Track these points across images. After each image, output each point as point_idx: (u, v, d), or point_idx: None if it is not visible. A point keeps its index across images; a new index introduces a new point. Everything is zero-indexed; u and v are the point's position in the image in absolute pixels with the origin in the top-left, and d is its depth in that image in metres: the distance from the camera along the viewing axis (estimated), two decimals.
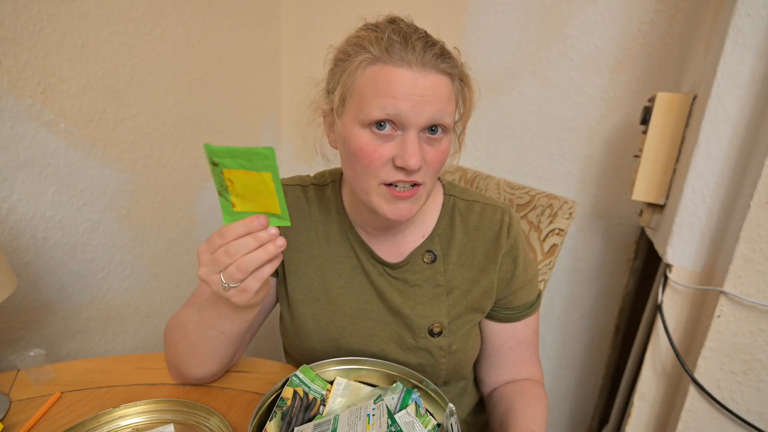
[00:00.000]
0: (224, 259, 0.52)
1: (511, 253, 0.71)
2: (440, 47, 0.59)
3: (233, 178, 0.50)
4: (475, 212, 0.72)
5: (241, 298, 0.54)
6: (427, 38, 0.59)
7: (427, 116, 0.57)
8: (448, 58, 0.59)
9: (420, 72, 0.56)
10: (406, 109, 0.56)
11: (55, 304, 0.94)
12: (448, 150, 0.62)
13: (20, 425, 0.63)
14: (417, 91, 0.56)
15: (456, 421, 0.54)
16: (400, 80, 0.56)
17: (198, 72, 1.17)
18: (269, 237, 0.52)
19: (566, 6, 1.14)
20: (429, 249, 0.71)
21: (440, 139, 0.60)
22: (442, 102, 0.58)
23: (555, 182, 1.26)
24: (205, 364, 0.68)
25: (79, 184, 0.93)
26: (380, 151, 0.58)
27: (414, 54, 0.56)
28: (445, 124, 0.59)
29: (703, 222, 0.86)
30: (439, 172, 0.63)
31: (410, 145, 0.57)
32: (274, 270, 0.55)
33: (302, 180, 0.77)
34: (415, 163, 0.56)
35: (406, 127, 0.57)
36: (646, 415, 0.99)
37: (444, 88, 0.58)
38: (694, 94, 0.90)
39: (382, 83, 0.56)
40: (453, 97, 0.61)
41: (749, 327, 0.82)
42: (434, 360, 0.70)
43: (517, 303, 0.73)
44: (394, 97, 0.55)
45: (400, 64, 0.56)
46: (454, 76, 0.60)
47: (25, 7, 0.79)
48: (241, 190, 0.51)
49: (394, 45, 0.56)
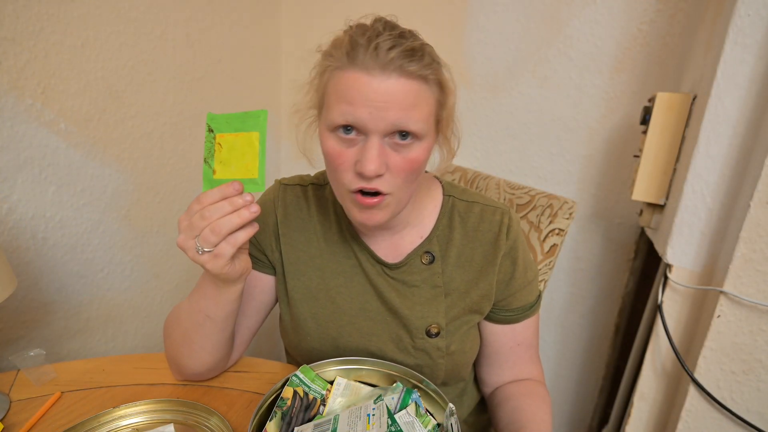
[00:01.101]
0: (199, 222, 0.53)
1: (510, 255, 0.70)
2: (408, 47, 0.54)
3: (222, 142, 0.53)
4: (474, 213, 0.71)
5: (215, 264, 0.54)
6: (397, 39, 0.55)
7: (387, 123, 0.54)
8: (417, 59, 0.55)
9: (379, 76, 0.54)
10: (364, 116, 0.54)
11: (55, 304, 0.94)
12: (422, 158, 0.59)
13: (20, 425, 0.63)
14: (375, 96, 0.54)
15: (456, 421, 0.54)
16: (357, 86, 0.54)
17: (198, 72, 1.17)
18: (244, 203, 0.53)
19: (566, 6, 1.14)
20: (427, 250, 0.70)
21: (409, 145, 0.57)
22: (406, 107, 0.55)
23: (555, 182, 1.26)
24: (196, 355, 0.68)
25: (79, 184, 0.93)
26: (345, 155, 0.58)
27: (375, 57, 0.53)
28: (411, 131, 0.56)
29: (703, 222, 0.86)
30: (410, 181, 0.60)
31: (369, 151, 0.55)
32: (249, 237, 0.55)
33: (302, 180, 0.77)
34: (370, 169, 0.55)
35: (368, 132, 0.56)
36: (646, 415, 0.99)
37: (409, 91, 0.55)
38: (694, 94, 0.90)
39: (342, 89, 0.56)
40: (426, 100, 0.57)
41: (749, 327, 0.82)
42: (432, 361, 0.70)
43: (517, 305, 0.73)
44: (352, 104, 0.54)
45: (359, 69, 0.54)
46: (427, 78, 0.56)
47: (25, 7, 0.79)
48: (225, 155, 0.54)
49: (357, 49, 0.54)
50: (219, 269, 0.55)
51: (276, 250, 0.74)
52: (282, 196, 0.75)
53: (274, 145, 1.52)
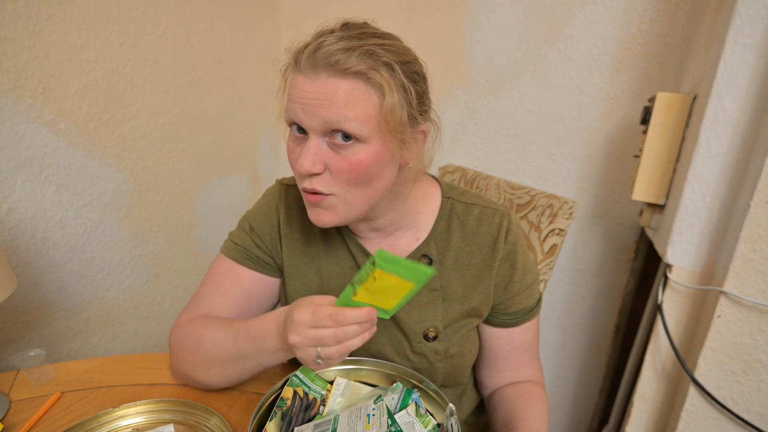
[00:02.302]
0: (330, 341, 0.53)
1: (509, 258, 0.70)
2: (343, 47, 0.53)
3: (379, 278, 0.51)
4: (473, 215, 0.71)
5: (317, 367, 0.55)
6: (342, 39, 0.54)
7: (318, 120, 0.55)
8: (354, 57, 0.53)
9: (311, 75, 0.55)
10: (299, 113, 0.56)
11: (55, 304, 0.94)
12: (367, 161, 0.57)
13: (20, 425, 0.63)
14: (306, 94, 0.55)
15: (456, 421, 0.54)
16: (296, 84, 0.56)
17: (198, 72, 1.17)
18: (371, 332, 0.54)
19: (566, 6, 1.13)
20: (425, 253, 0.70)
21: (350, 147, 0.56)
22: (338, 105, 0.54)
23: (555, 182, 1.26)
24: (225, 379, 0.69)
25: (79, 184, 0.93)
26: (295, 152, 0.60)
27: (312, 58, 0.54)
28: (346, 130, 0.54)
29: (703, 222, 0.86)
30: (360, 185, 0.58)
31: (303, 149, 0.57)
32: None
33: None
34: (303, 167, 0.56)
35: (307, 131, 0.57)
36: (646, 415, 0.99)
37: (338, 90, 0.54)
38: (694, 94, 0.90)
39: (289, 89, 0.58)
40: (363, 101, 0.55)
41: (749, 327, 0.82)
42: (430, 364, 0.70)
43: (516, 308, 0.72)
44: (291, 101, 0.57)
45: (300, 71, 0.56)
46: (366, 76, 0.54)
47: (25, 7, 0.79)
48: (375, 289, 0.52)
49: (302, 51, 0.56)
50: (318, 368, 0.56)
51: (280, 251, 0.74)
52: (284, 196, 0.75)
53: (275, 145, 1.52)
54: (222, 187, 1.33)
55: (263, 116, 1.45)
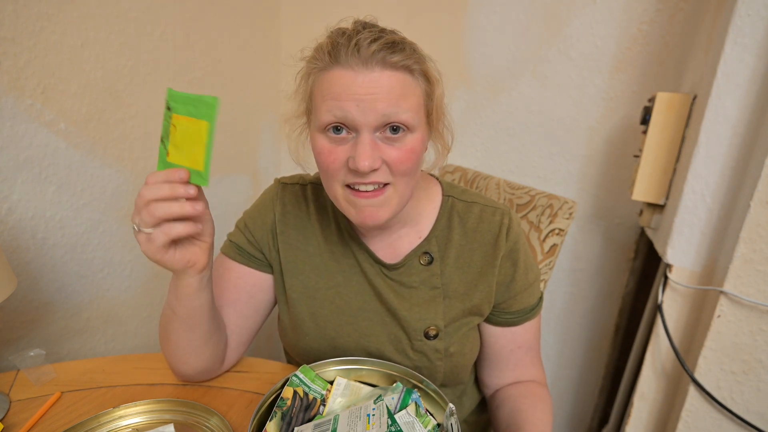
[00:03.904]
0: (138, 200, 0.52)
1: (511, 257, 0.70)
2: (388, 40, 0.55)
3: (177, 124, 0.51)
4: (473, 214, 0.71)
5: (147, 247, 0.53)
6: (376, 34, 0.55)
7: (376, 115, 0.55)
8: (399, 51, 0.55)
9: (362, 71, 0.54)
10: (352, 110, 0.54)
11: (55, 304, 0.94)
12: (418, 149, 0.59)
13: (20, 425, 0.63)
14: (360, 89, 0.54)
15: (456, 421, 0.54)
16: (342, 81, 0.55)
17: (198, 72, 1.17)
18: (184, 193, 0.51)
19: (566, 6, 1.13)
20: (426, 251, 0.70)
21: (402, 138, 0.57)
22: (394, 98, 0.55)
23: (555, 182, 1.26)
24: (175, 353, 0.67)
25: (79, 184, 0.93)
26: (335, 153, 0.58)
27: (357, 53, 0.54)
28: (402, 121, 0.56)
29: (703, 222, 0.86)
30: (412, 173, 0.60)
31: (360, 147, 0.56)
32: (187, 234, 0.53)
33: (302, 179, 0.77)
34: (364, 165, 0.55)
35: (358, 128, 0.56)
36: (646, 415, 0.99)
37: (394, 83, 0.55)
38: (694, 94, 0.90)
39: (326, 87, 0.56)
40: (414, 92, 0.57)
41: (749, 327, 0.82)
42: (430, 363, 0.70)
43: (517, 307, 0.72)
44: (338, 99, 0.55)
45: (344, 66, 0.55)
46: (411, 69, 0.57)
47: (25, 7, 0.79)
48: (179, 139, 0.52)
49: (339, 48, 0.55)
50: (151, 254, 0.53)
51: (273, 249, 0.74)
52: (281, 194, 0.75)
53: (275, 145, 1.52)
54: (222, 187, 1.33)
55: (263, 116, 1.45)
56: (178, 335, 0.65)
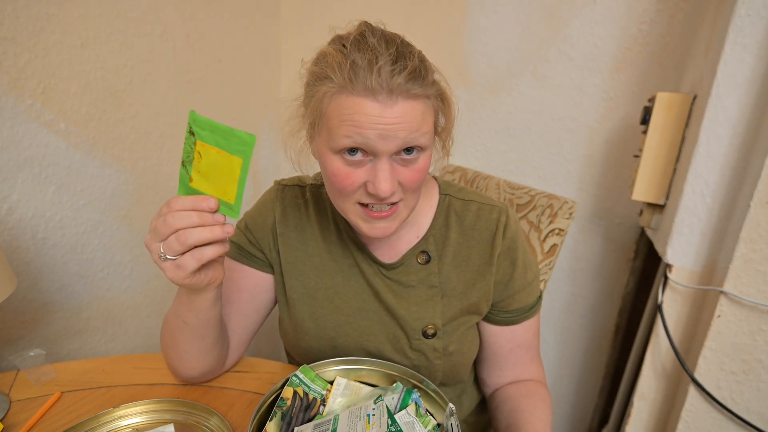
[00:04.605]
0: (162, 227, 0.50)
1: (509, 255, 0.70)
2: (411, 69, 0.53)
3: (203, 153, 0.49)
4: (471, 212, 0.71)
5: (175, 274, 0.52)
6: (396, 59, 0.54)
7: (397, 143, 0.55)
8: (421, 79, 0.55)
9: (386, 102, 0.53)
10: (374, 138, 0.54)
11: (55, 304, 0.94)
12: (427, 165, 0.60)
13: (20, 425, 0.63)
14: (384, 120, 0.53)
15: (456, 421, 0.54)
16: (365, 110, 0.53)
17: (198, 72, 1.17)
18: (214, 221, 0.51)
19: (566, 6, 1.13)
20: (423, 250, 0.70)
21: (416, 158, 0.58)
22: (414, 125, 0.55)
23: (555, 182, 1.26)
24: (182, 359, 0.67)
25: (79, 184, 0.93)
26: (353, 177, 0.57)
27: (380, 81, 0.52)
28: (419, 145, 0.57)
29: (703, 222, 0.86)
30: (420, 187, 0.62)
31: (381, 173, 0.56)
32: (216, 256, 0.53)
33: (301, 180, 0.77)
34: (385, 190, 0.55)
35: (377, 154, 0.56)
36: (646, 415, 0.99)
37: (415, 111, 0.55)
38: (694, 94, 0.90)
39: (346, 113, 0.54)
40: (429, 113, 0.58)
41: (749, 327, 0.82)
42: (429, 362, 0.70)
43: (516, 306, 0.72)
44: (361, 127, 0.53)
45: (365, 94, 0.53)
46: (430, 96, 0.57)
47: (25, 7, 0.79)
48: (205, 167, 0.50)
49: (358, 72, 0.53)
50: (179, 280, 0.53)
51: (274, 249, 0.74)
52: (280, 196, 0.75)
53: (275, 146, 1.52)
54: None
55: (263, 116, 1.45)
56: (188, 344, 0.65)
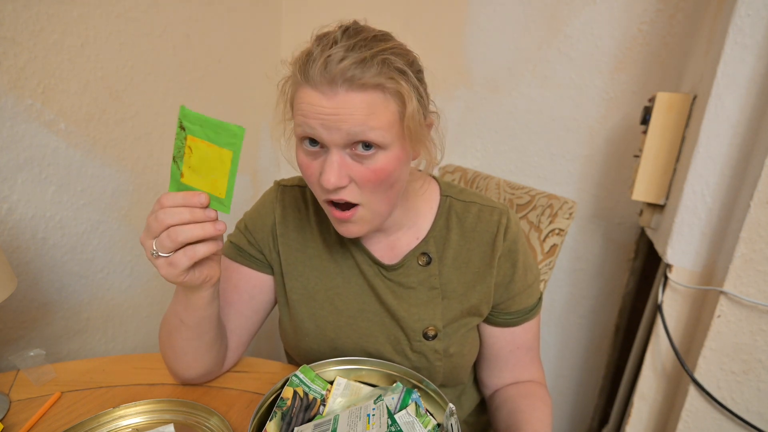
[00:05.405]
0: (154, 224, 0.50)
1: (510, 257, 0.69)
2: (357, 59, 0.52)
3: (194, 147, 0.50)
4: (471, 213, 0.71)
5: (168, 271, 0.52)
6: (349, 50, 0.53)
7: (341, 135, 0.54)
8: (368, 69, 0.52)
9: (327, 91, 0.53)
10: (318, 128, 0.54)
11: (55, 304, 0.94)
12: (390, 167, 0.57)
13: (20, 425, 0.63)
14: (324, 110, 0.53)
15: (456, 421, 0.54)
16: (308, 100, 0.54)
17: (198, 72, 1.17)
18: (204, 217, 0.51)
19: (566, 6, 1.14)
20: (424, 251, 0.70)
21: (371, 156, 0.56)
22: (360, 118, 0.53)
23: (555, 182, 1.26)
24: (180, 359, 0.67)
25: (79, 184, 0.93)
26: (312, 167, 0.58)
27: (324, 72, 0.52)
28: (370, 140, 0.54)
29: (703, 222, 0.86)
30: (384, 192, 0.59)
31: (327, 165, 0.55)
32: (209, 253, 0.52)
33: (301, 180, 0.77)
34: (329, 182, 0.55)
35: (327, 145, 0.56)
36: (646, 415, 0.99)
37: (360, 103, 0.53)
38: (694, 94, 0.90)
39: (297, 103, 0.56)
40: (386, 109, 0.55)
41: (749, 327, 0.82)
42: (429, 363, 0.69)
43: (516, 308, 0.72)
44: (306, 116, 0.54)
45: (311, 85, 0.54)
46: (383, 87, 0.54)
47: (25, 7, 0.79)
48: (195, 162, 0.50)
49: (309, 63, 0.53)
50: (173, 278, 0.53)
51: (274, 251, 0.74)
52: (280, 197, 0.75)
53: (274, 146, 1.52)
54: None
55: (263, 116, 1.45)
56: (186, 343, 0.65)
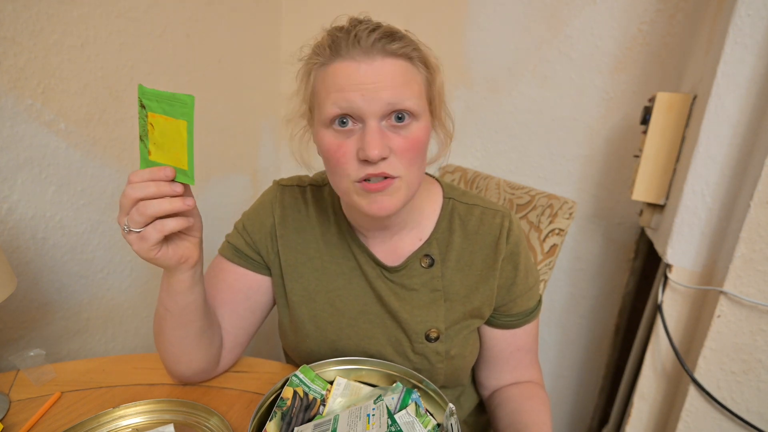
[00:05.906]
0: (124, 201, 0.52)
1: (512, 260, 0.69)
2: (386, 30, 0.56)
3: (154, 123, 0.51)
4: (474, 216, 0.71)
5: (140, 246, 0.53)
6: (374, 25, 0.57)
7: (381, 103, 0.55)
8: (398, 39, 0.56)
9: (365, 60, 0.55)
10: (357, 99, 0.54)
11: (55, 304, 0.94)
12: (423, 138, 0.59)
13: (20, 425, 0.63)
14: (364, 79, 0.54)
15: (456, 421, 0.54)
16: (346, 73, 0.55)
17: (198, 72, 1.17)
18: (171, 191, 0.52)
19: (566, 6, 1.14)
20: (427, 253, 0.70)
21: (407, 125, 0.57)
22: (398, 86, 0.55)
23: (555, 182, 1.26)
24: (168, 351, 0.67)
25: (79, 184, 0.93)
26: (344, 147, 0.57)
27: (358, 44, 0.55)
28: (407, 109, 0.56)
29: (703, 222, 0.86)
30: (417, 164, 0.60)
31: (369, 135, 0.55)
32: (178, 228, 0.53)
33: (300, 180, 0.76)
34: (375, 153, 0.54)
35: (364, 118, 0.56)
36: (646, 415, 0.99)
37: (397, 70, 0.56)
38: (694, 94, 0.90)
39: (330, 81, 0.56)
40: (415, 79, 0.58)
41: (749, 327, 0.82)
42: (431, 365, 0.69)
43: (517, 310, 0.72)
44: (343, 90, 0.55)
45: (345, 58, 0.55)
46: (411, 57, 0.57)
47: (25, 7, 0.79)
48: (158, 138, 0.52)
49: (339, 42, 0.56)
50: (144, 253, 0.53)
51: (273, 252, 0.73)
52: (280, 197, 0.74)
53: (275, 145, 1.52)
54: (222, 187, 1.33)
55: (263, 116, 1.45)
56: (171, 332, 0.65)
